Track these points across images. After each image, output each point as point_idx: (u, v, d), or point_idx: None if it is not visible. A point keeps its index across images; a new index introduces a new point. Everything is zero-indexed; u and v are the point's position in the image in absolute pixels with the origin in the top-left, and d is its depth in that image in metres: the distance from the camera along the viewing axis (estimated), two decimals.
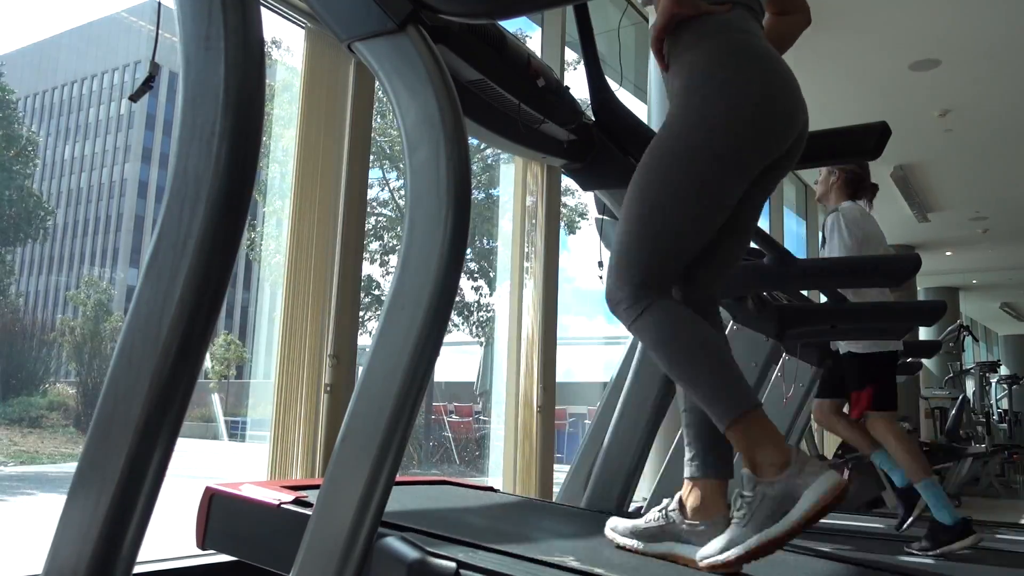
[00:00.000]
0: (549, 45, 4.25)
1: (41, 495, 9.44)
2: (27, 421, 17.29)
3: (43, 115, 38.73)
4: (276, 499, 1.42)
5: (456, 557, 1.19)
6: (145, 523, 1.03)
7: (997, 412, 11.66)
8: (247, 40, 1.04)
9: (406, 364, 1.08)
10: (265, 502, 1.42)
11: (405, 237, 1.13)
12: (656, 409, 2.16)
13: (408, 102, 1.15)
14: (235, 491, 1.50)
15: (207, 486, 1.50)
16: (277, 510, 1.39)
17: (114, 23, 37.10)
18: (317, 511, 1.12)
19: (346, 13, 1.21)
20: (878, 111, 4.54)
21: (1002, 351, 18.87)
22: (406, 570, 1.18)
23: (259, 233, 10.86)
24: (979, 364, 11.31)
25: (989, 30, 5.08)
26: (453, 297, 1.12)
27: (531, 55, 1.72)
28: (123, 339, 1.03)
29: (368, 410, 1.10)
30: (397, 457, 1.10)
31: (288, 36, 7.66)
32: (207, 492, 1.49)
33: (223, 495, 1.49)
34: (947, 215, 9.10)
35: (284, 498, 1.41)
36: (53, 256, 36.38)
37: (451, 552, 1.21)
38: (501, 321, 4.10)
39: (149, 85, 1.30)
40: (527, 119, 1.76)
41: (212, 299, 1.02)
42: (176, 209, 1.02)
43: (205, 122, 1.01)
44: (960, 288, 13.52)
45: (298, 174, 2.81)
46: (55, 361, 21.96)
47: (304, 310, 2.78)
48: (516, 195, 3.91)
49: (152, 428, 1.00)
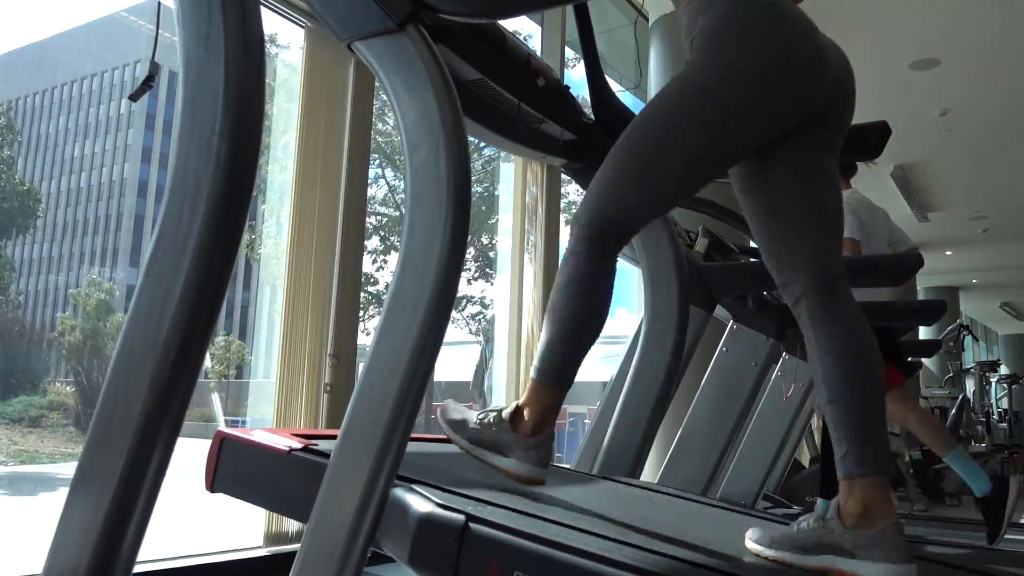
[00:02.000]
0: (549, 45, 4.25)
1: (42, 495, 9.45)
2: (27, 421, 17.30)
3: (43, 115, 38.73)
4: (286, 445, 1.42)
5: (465, 510, 1.18)
6: (145, 523, 1.02)
7: (997, 411, 11.66)
8: (247, 39, 1.04)
9: (406, 364, 1.08)
10: (275, 448, 1.43)
11: (405, 237, 1.13)
12: (659, 399, 2.16)
13: (408, 102, 1.15)
14: (246, 436, 1.51)
15: (218, 430, 1.52)
16: (287, 456, 1.40)
17: (114, 23, 37.11)
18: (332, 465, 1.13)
19: (346, 12, 1.21)
20: (878, 111, 4.54)
21: (1002, 350, 18.88)
22: (416, 522, 1.18)
23: (259, 233, 10.86)
24: (979, 363, 11.32)
25: (989, 30, 5.08)
26: (453, 297, 1.12)
27: (531, 55, 1.72)
28: (123, 339, 1.03)
29: (368, 411, 1.10)
30: (397, 458, 1.10)
31: (288, 35, 7.66)
32: (218, 436, 1.50)
33: (234, 439, 1.49)
34: (947, 215, 9.10)
35: (294, 445, 1.42)
36: (53, 256, 36.38)
37: (460, 505, 1.20)
38: (501, 319, 4.10)
39: (149, 85, 1.30)
40: (527, 119, 1.76)
41: (212, 299, 1.01)
42: (176, 209, 1.02)
43: (205, 121, 1.01)
44: (960, 288, 13.52)
45: (298, 174, 2.81)
46: (55, 361, 21.96)
47: (304, 310, 2.78)
48: (516, 193, 3.91)
49: (152, 428, 1.00)
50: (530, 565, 1.12)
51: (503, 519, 1.19)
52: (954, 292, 13.23)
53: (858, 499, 1.28)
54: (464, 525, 1.16)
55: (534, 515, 1.26)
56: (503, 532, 1.15)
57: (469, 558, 1.15)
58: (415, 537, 1.18)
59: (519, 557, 1.13)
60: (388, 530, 1.17)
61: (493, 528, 1.16)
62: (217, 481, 1.48)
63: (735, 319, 3.01)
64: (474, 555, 1.15)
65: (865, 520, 1.26)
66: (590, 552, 1.11)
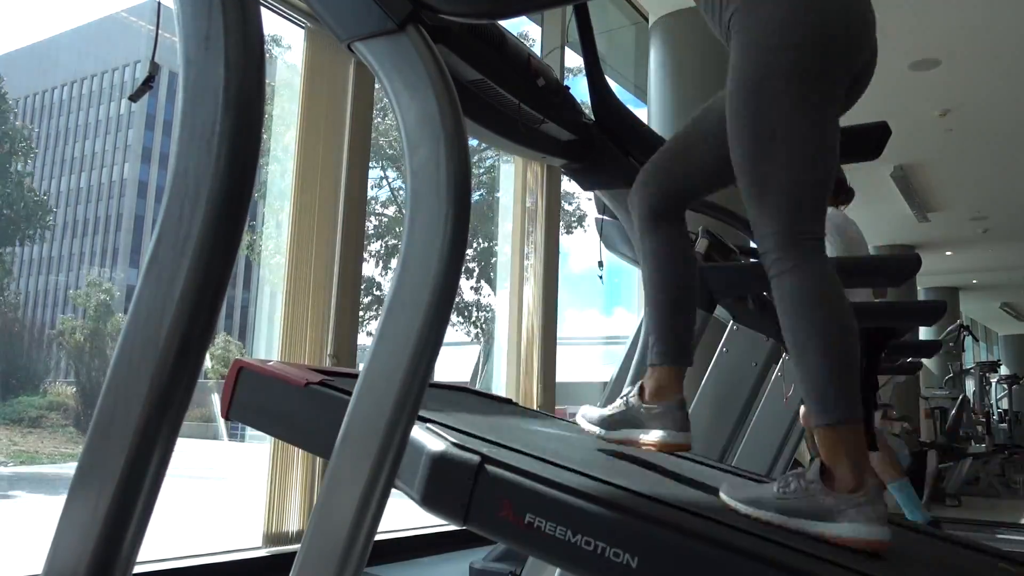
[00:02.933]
0: (549, 45, 4.25)
1: (41, 495, 9.44)
2: (27, 421, 17.30)
3: (43, 115, 38.73)
4: (304, 378, 1.43)
5: (480, 451, 1.18)
6: (145, 523, 1.03)
7: (997, 412, 11.67)
8: (247, 39, 1.04)
9: (406, 364, 1.08)
10: (292, 379, 1.44)
11: (405, 237, 1.13)
12: None
13: (408, 102, 1.15)
14: (264, 366, 1.52)
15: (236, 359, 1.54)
16: (304, 388, 1.40)
17: (114, 23, 37.12)
18: None
19: (346, 12, 1.21)
20: (878, 111, 4.54)
21: (1002, 351, 18.89)
22: (430, 460, 1.18)
23: (259, 233, 10.86)
24: (979, 364, 11.33)
25: (989, 30, 5.08)
26: (453, 297, 1.13)
27: (531, 55, 1.72)
28: (123, 339, 1.03)
29: (367, 411, 1.10)
30: (397, 459, 1.10)
31: (288, 35, 7.66)
32: (235, 365, 1.51)
33: (251, 368, 1.50)
34: (947, 215, 9.10)
35: (312, 378, 1.42)
36: (52, 256, 36.37)
37: (476, 446, 1.20)
38: (501, 321, 4.11)
39: (149, 85, 1.30)
40: (527, 119, 1.76)
41: (212, 299, 1.02)
42: (176, 209, 1.02)
43: (205, 122, 1.01)
44: (960, 288, 13.52)
45: (298, 174, 2.81)
46: (55, 361, 21.97)
47: (304, 310, 2.78)
48: (516, 195, 3.91)
49: (152, 428, 1.00)
50: (544, 509, 1.11)
51: (518, 462, 1.18)
52: (954, 292, 13.23)
53: (655, 381, 1.48)
54: (479, 465, 1.15)
55: (550, 461, 1.25)
56: (518, 475, 1.14)
57: (482, 499, 1.14)
58: (428, 475, 1.17)
59: (533, 500, 1.12)
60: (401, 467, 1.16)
61: (508, 471, 1.15)
62: (233, 408, 1.49)
63: (735, 319, 3.01)
64: (487, 496, 1.14)
65: (657, 396, 1.46)
66: (605, 499, 1.11)
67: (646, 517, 1.10)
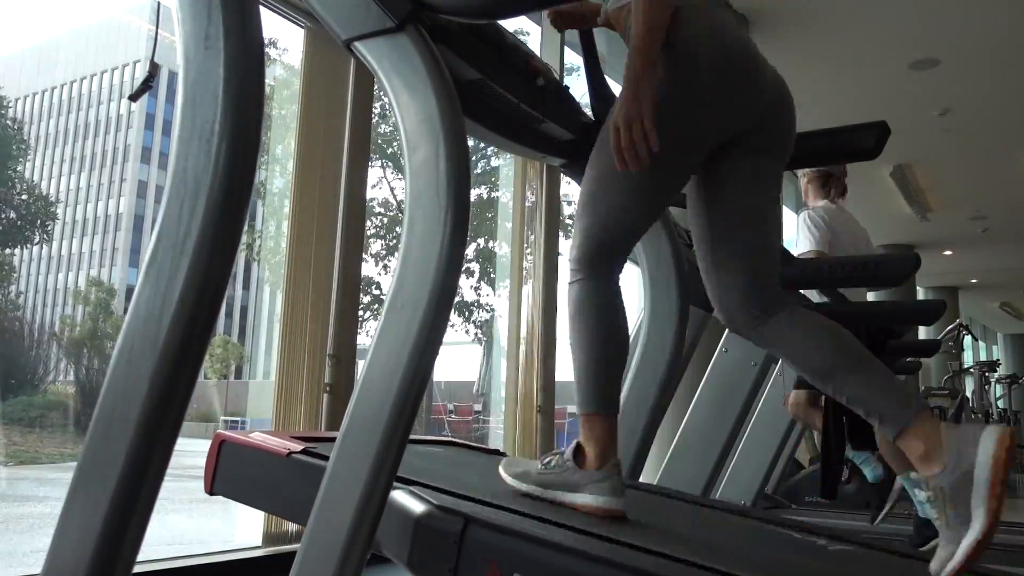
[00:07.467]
0: (549, 45, 4.25)
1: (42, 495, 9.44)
2: (27, 421, 17.28)
3: (43, 115, 38.70)
4: (285, 448, 1.43)
5: (464, 512, 1.19)
6: (145, 523, 1.03)
7: (996, 411, 11.66)
8: (247, 40, 1.04)
9: (406, 364, 1.08)
10: (274, 450, 1.44)
11: (405, 237, 1.13)
12: (659, 399, 2.16)
13: (408, 102, 1.15)
14: (245, 438, 1.52)
15: (217, 431, 1.54)
16: (286, 459, 1.41)
17: (114, 23, 37.10)
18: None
19: (345, 12, 1.21)
20: (878, 111, 4.54)
21: (1002, 350, 18.88)
22: (413, 524, 1.18)
23: (259, 233, 10.86)
24: (978, 363, 11.31)
25: (989, 30, 5.08)
26: (453, 297, 1.12)
27: (531, 55, 1.71)
28: (123, 339, 1.03)
29: (368, 411, 1.10)
30: (397, 459, 1.10)
31: (289, 37, 7.64)
32: (217, 438, 1.51)
33: (233, 442, 1.51)
34: (947, 215, 9.10)
35: (293, 447, 1.43)
36: (52, 256, 36.33)
37: (459, 507, 1.21)
38: (501, 321, 4.11)
39: (148, 85, 1.30)
40: (527, 119, 1.76)
41: (212, 299, 1.01)
42: (175, 209, 1.02)
43: (205, 122, 1.01)
44: (960, 288, 13.51)
45: (298, 174, 2.81)
46: (55, 361, 21.95)
47: (304, 310, 2.78)
48: (516, 194, 3.91)
49: (152, 428, 1.00)
50: (529, 567, 1.12)
51: (502, 521, 1.19)
52: (954, 292, 13.22)
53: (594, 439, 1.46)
54: (463, 527, 1.16)
55: (533, 516, 1.26)
56: (502, 534, 1.16)
57: (468, 560, 1.15)
58: (414, 539, 1.18)
59: (518, 559, 1.13)
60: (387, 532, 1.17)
61: (492, 530, 1.16)
62: (216, 483, 1.49)
63: None
64: (473, 557, 1.15)
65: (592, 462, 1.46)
66: (589, 554, 1.11)
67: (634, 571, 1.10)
